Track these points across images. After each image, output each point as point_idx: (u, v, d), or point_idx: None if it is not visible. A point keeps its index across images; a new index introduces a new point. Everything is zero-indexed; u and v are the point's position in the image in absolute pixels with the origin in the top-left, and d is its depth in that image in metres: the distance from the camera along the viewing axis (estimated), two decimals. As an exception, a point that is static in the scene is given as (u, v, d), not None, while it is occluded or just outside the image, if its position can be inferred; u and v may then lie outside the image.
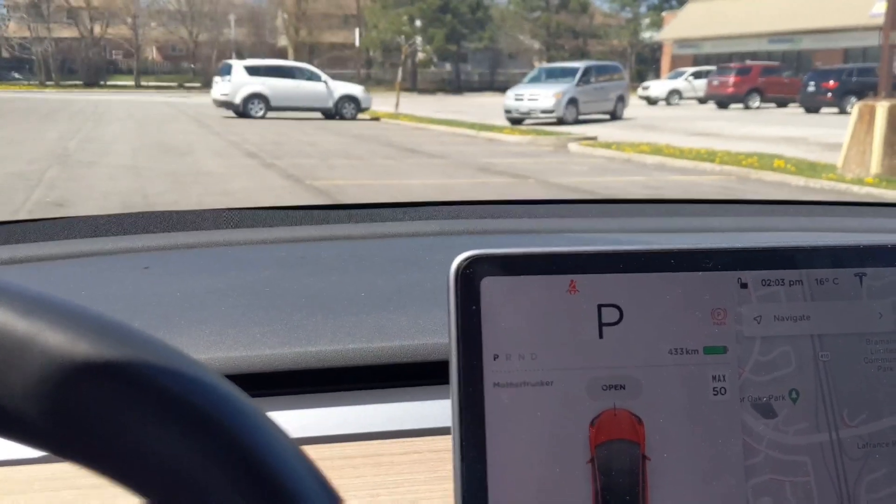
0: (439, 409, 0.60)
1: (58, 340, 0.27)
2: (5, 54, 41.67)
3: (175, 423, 0.27)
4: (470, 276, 0.40)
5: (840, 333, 0.42)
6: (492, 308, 0.40)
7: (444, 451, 0.54)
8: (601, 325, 0.40)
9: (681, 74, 32.24)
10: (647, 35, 46.64)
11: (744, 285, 0.42)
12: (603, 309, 0.41)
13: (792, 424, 0.41)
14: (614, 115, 20.25)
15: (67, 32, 41.47)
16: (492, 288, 0.40)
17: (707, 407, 0.41)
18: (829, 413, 0.42)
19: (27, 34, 40.60)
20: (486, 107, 24.05)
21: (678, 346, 0.41)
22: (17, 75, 40.13)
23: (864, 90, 19.41)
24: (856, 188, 8.47)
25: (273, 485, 0.28)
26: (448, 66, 46.55)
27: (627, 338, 0.41)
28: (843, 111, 20.83)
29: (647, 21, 47.14)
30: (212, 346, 0.64)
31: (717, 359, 0.41)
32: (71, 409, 0.27)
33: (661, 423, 0.40)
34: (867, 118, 8.93)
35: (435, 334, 0.66)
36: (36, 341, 0.27)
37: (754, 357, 0.41)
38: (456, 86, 44.03)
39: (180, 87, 40.27)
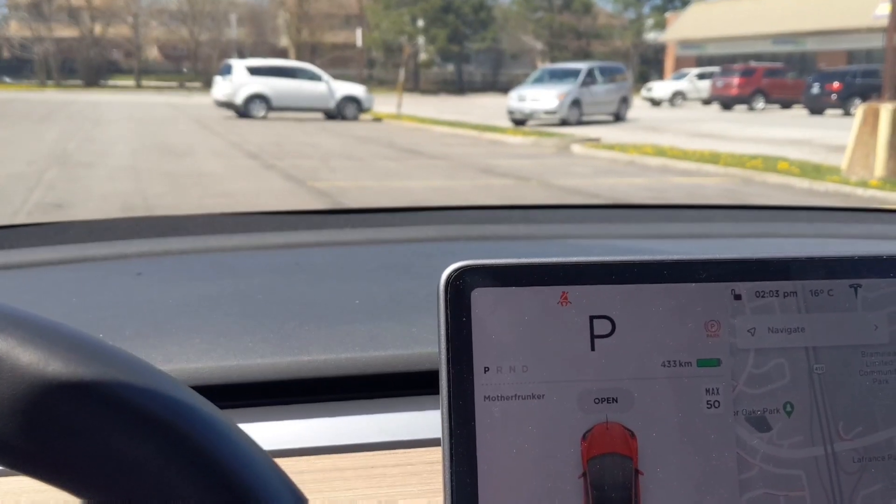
0: (432, 420, 0.59)
1: (29, 358, 0.27)
2: (6, 54, 41.67)
3: (147, 441, 0.27)
4: (460, 288, 0.39)
5: (835, 345, 0.42)
6: (482, 320, 0.39)
7: (437, 463, 0.54)
8: (593, 337, 0.40)
9: (684, 76, 32.21)
10: (650, 36, 46.58)
11: (737, 296, 0.41)
12: (595, 321, 0.40)
13: (786, 438, 0.41)
14: (618, 117, 20.23)
15: (68, 32, 41.48)
16: (482, 299, 0.39)
17: (700, 420, 0.40)
18: (824, 426, 0.41)
19: (28, 34, 40.64)
20: (488, 107, 24.05)
21: (671, 359, 0.40)
22: (10, 77, 40.02)
23: (869, 92, 19.39)
24: (860, 191, 8.45)
25: (238, 494, 0.28)
26: (451, 67, 46.56)
27: (620, 350, 0.40)
28: (847, 113, 20.80)
29: (650, 22, 47.07)
30: (203, 355, 0.63)
31: (710, 371, 0.40)
32: (41, 428, 0.27)
33: (653, 436, 0.40)
34: (871, 120, 8.92)
35: (428, 343, 0.65)
36: (6, 359, 0.27)
37: (748, 369, 0.41)
38: (458, 86, 44.04)
39: (181, 87, 40.27)
